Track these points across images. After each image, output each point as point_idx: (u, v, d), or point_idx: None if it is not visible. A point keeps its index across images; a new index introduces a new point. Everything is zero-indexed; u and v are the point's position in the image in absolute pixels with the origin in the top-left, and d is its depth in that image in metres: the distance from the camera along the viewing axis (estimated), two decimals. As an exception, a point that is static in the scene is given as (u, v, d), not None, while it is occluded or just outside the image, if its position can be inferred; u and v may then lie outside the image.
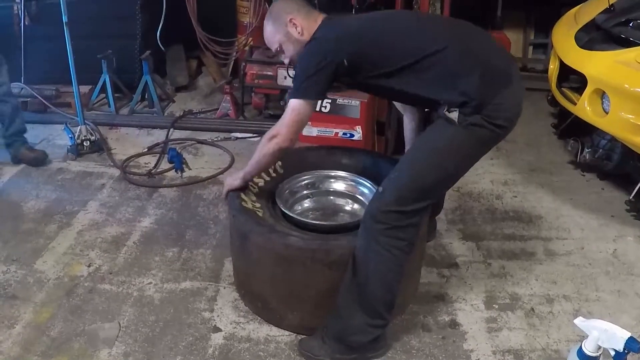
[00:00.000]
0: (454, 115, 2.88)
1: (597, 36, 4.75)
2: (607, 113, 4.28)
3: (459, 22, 3.27)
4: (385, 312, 3.02)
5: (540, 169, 5.07)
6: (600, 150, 4.72)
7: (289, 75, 5.28)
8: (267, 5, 6.36)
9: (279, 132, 3.10)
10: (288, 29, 3.18)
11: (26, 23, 6.17)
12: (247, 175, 3.37)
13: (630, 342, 2.52)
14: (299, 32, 3.17)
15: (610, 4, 4.90)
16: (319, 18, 3.21)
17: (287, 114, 3.08)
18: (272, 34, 3.27)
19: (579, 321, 2.69)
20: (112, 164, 5.19)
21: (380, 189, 2.97)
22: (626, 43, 4.46)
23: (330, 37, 3.06)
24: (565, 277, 3.82)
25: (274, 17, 3.25)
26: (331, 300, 3.07)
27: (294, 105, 3.04)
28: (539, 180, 4.88)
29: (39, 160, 5.02)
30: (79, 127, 5.26)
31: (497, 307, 3.53)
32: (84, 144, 5.28)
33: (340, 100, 4.62)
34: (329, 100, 4.62)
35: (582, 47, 4.67)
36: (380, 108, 4.95)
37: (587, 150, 4.78)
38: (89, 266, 3.89)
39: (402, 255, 2.94)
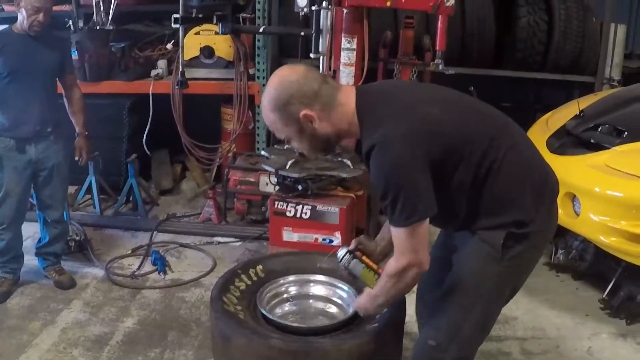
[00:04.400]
0: (498, 245, 2.59)
1: (567, 141, 4.96)
2: (578, 215, 4.44)
3: (495, 111, 2.81)
4: None
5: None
6: (574, 251, 4.90)
7: (271, 182, 5.41)
8: (250, 113, 6.58)
9: (411, 260, 2.52)
10: (301, 125, 2.55)
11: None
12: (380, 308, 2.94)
13: None
14: (315, 128, 2.55)
15: (580, 110, 5.11)
16: (348, 98, 2.58)
17: (404, 241, 2.51)
18: (276, 125, 2.59)
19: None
20: (96, 264, 5.26)
21: (433, 342, 2.75)
22: (596, 147, 4.67)
23: (404, 131, 2.45)
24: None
25: (281, 108, 2.52)
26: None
27: (413, 230, 2.47)
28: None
29: (64, 285, 4.91)
30: (65, 227, 5.33)
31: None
32: (70, 243, 5.35)
33: (320, 207, 4.76)
34: (309, 207, 4.76)
35: (554, 152, 4.84)
36: (359, 214, 5.10)
37: (560, 251, 4.95)
38: (72, 364, 3.95)
39: None
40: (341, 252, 3.13)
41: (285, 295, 3.66)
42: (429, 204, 2.45)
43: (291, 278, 3.67)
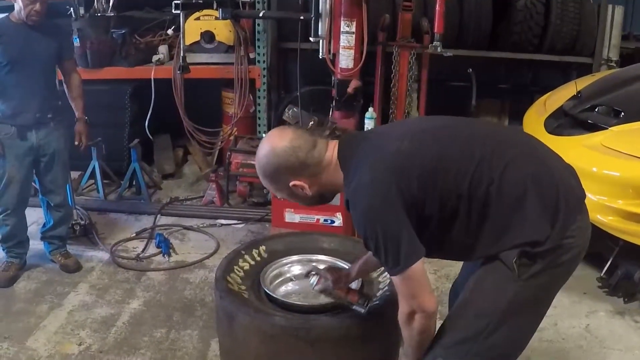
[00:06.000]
0: (510, 263, 2.40)
1: (565, 122, 5.00)
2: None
3: (490, 129, 2.82)
4: None
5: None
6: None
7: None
8: (250, 97, 6.63)
9: (412, 306, 2.44)
10: (292, 191, 2.60)
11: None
12: None
13: None
14: (306, 193, 2.60)
15: (578, 91, 5.14)
16: (333, 155, 2.56)
17: (400, 287, 2.44)
18: (269, 188, 2.75)
19: None
20: (101, 247, 5.34)
21: None
22: (592, 128, 4.71)
23: (366, 180, 2.40)
24: (538, 352, 3.96)
25: (270, 177, 2.60)
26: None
27: (403, 277, 2.39)
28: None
29: (70, 268, 4.98)
30: (70, 211, 5.39)
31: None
32: (75, 228, 5.44)
33: (321, 189, 4.81)
34: (311, 189, 4.81)
35: (551, 133, 4.90)
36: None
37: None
38: (79, 345, 4.02)
39: None
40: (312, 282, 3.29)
41: (288, 275, 3.72)
42: (412, 248, 2.37)
43: (293, 258, 3.73)
